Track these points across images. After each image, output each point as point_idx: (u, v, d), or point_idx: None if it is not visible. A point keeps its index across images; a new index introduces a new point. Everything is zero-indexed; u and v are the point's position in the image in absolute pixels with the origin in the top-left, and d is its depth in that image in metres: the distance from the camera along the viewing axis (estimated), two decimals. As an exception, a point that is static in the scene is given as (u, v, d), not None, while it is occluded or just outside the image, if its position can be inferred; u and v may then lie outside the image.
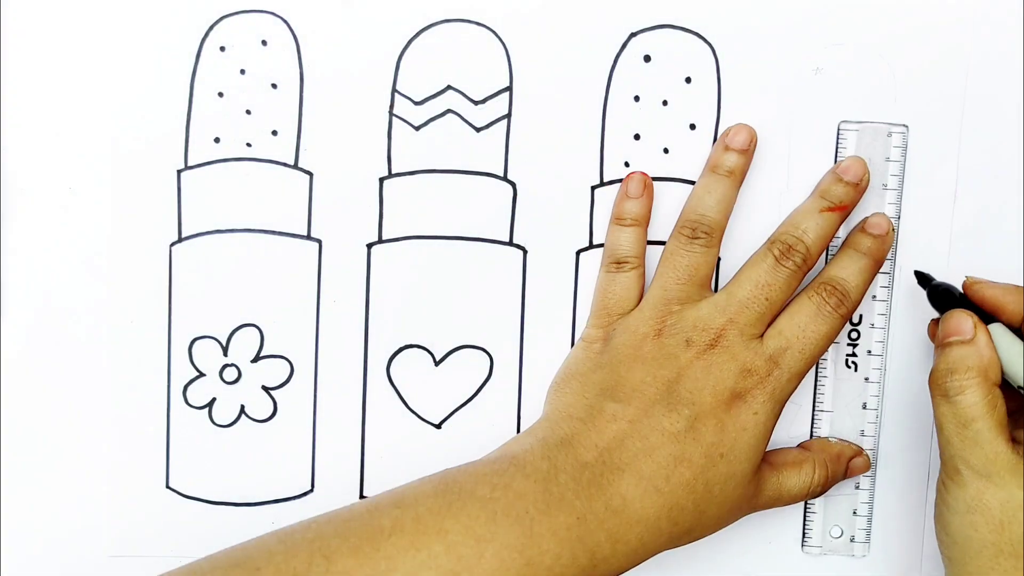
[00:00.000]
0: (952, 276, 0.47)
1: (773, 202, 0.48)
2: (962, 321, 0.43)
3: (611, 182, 0.47)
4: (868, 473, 0.49)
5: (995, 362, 0.42)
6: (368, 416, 0.49)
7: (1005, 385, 0.43)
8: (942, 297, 0.45)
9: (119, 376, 0.48)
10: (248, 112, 0.47)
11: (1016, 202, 0.48)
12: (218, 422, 0.49)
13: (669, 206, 0.48)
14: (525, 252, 0.48)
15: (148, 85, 0.46)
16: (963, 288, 0.45)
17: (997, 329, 0.43)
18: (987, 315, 0.44)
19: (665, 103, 0.47)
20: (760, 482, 0.45)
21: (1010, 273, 0.48)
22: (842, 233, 0.47)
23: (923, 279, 0.46)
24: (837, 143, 0.47)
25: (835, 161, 0.47)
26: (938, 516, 0.43)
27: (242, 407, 0.49)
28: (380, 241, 0.48)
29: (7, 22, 0.45)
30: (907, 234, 0.48)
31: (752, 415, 0.43)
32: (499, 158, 0.47)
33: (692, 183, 0.47)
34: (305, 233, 0.48)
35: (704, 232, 0.45)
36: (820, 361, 0.49)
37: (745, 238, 0.48)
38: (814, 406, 0.49)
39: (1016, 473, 0.40)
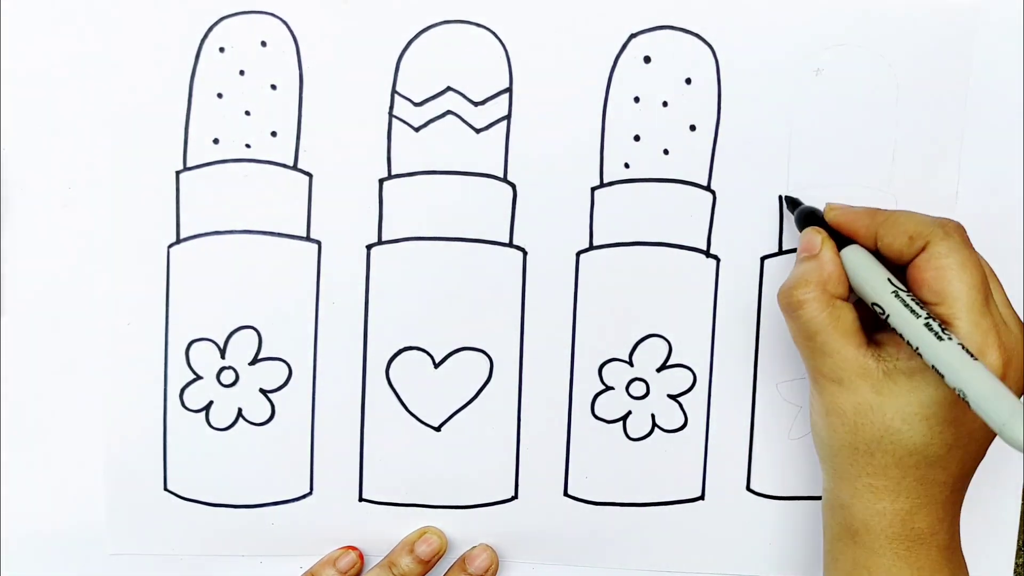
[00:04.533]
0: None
1: (773, 203, 0.48)
2: (811, 238, 0.44)
3: (611, 183, 0.47)
4: None
5: (836, 276, 0.42)
6: (367, 419, 0.49)
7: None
8: (807, 220, 0.45)
9: (116, 378, 0.48)
10: (247, 113, 0.47)
11: (1017, 203, 0.48)
12: (215, 425, 0.48)
13: (669, 208, 0.48)
14: (525, 253, 0.48)
15: (148, 85, 0.46)
16: (824, 213, 0.45)
17: (852, 250, 0.43)
18: (846, 239, 0.44)
19: (665, 104, 0.47)
20: None
21: (1010, 273, 0.48)
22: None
23: (791, 203, 0.47)
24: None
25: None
26: (811, 420, 0.45)
27: (239, 410, 0.48)
28: (380, 242, 0.48)
29: (7, 22, 0.45)
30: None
31: None
32: (499, 159, 0.47)
33: (692, 184, 0.47)
34: (304, 234, 0.47)
35: None
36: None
37: (745, 239, 0.48)
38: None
39: (866, 377, 0.41)
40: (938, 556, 0.42)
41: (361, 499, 0.49)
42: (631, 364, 0.49)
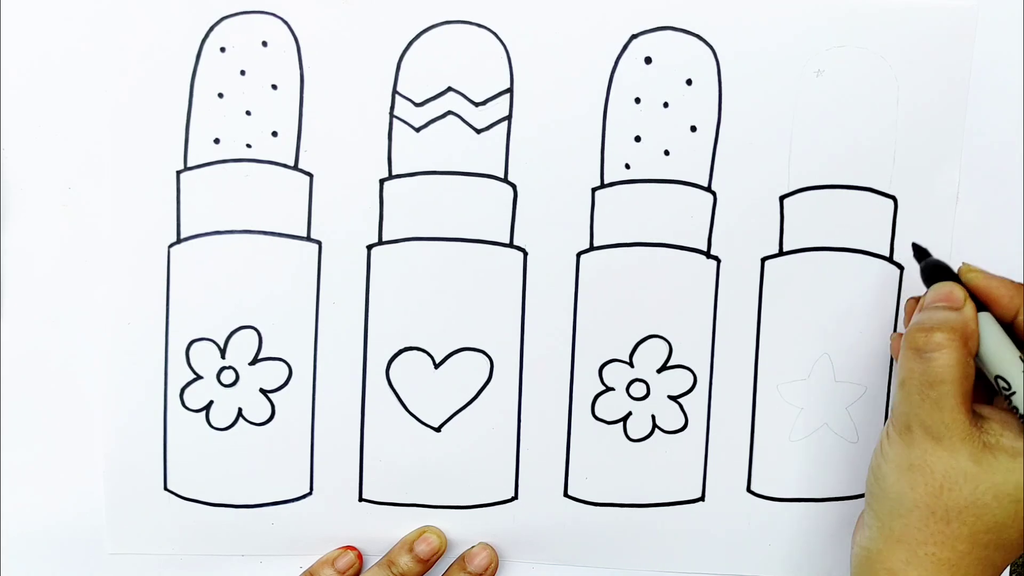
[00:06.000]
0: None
1: (773, 204, 0.48)
2: (954, 290, 0.42)
3: (612, 184, 0.47)
4: None
5: (976, 335, 0.41)
6: (367, 419, 0.49)
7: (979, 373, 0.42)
8: (935, 274, 0.44)
9: (116, 378, 0.48)
10: (248, 113, 0.47)
11: (1017, 203, 0.48)
12: (216, 425, 0.48)
13: (670, 209, 0.48)
14: (525, 254, 0.48)
15: (148, 85, 0.46)
16: (959, 273, 0.43)
17: (988, 318, 0.42)
18: (979, 303, 0.42)
19: (666, 105, 0.47)
20: None
21: (1010, 274, 0.48)
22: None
23: (919, 253, 0.45)
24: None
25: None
26: (875, 468, 0.43)
27: (240, 410, 0.48)
28: (380, 243, 0.48)
29: (7, 22, 0.45)
30: (908, 236, 0.48)
31: None
32: (499, 160, 0.47)
33: (693, 185, 0.47)
34: (305, 234, 0.47)
35: None
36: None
37: (745, 240, 0.48)
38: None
39: (968, 443, 0.40)
40: None
41: (361, 499, 0.49)
42: (631, 365, 0.49)
